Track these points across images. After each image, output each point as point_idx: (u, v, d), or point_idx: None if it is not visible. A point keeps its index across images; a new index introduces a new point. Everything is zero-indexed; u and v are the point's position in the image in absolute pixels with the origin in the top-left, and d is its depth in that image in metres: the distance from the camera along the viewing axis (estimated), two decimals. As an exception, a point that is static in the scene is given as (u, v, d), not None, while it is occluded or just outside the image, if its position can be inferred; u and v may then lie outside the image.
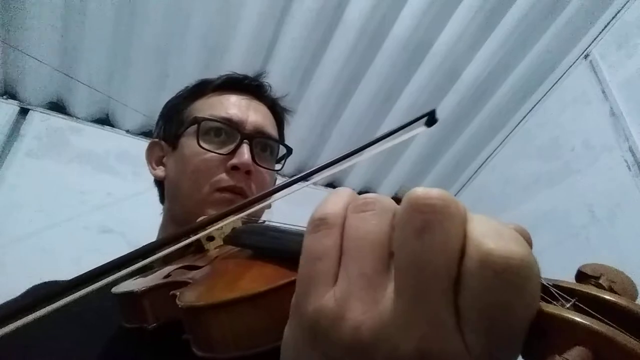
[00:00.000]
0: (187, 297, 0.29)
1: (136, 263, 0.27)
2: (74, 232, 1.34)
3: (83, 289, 0.24)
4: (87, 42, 1.35)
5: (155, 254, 0.28)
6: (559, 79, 1.49)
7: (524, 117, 1.61)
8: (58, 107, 1.53)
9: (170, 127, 0.67)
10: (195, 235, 0.32)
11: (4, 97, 1.48)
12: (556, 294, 0.18)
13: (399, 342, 0.16)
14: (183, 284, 0.34)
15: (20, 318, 0.21)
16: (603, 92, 1.30)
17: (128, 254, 0.27)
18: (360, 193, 0.21)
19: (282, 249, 0.30)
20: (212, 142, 0.61)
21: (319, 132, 1.67)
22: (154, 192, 0.71)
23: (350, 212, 0.20)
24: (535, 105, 1.57)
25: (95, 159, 1.50)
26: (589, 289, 0.18)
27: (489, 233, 0.16)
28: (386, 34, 1.38)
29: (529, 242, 0.18)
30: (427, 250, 0.16)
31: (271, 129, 0.66)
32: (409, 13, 1.33)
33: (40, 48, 1.34)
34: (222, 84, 0.67)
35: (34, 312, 0.22)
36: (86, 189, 1.43)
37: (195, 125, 0.61)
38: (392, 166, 1.79)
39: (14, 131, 1.45)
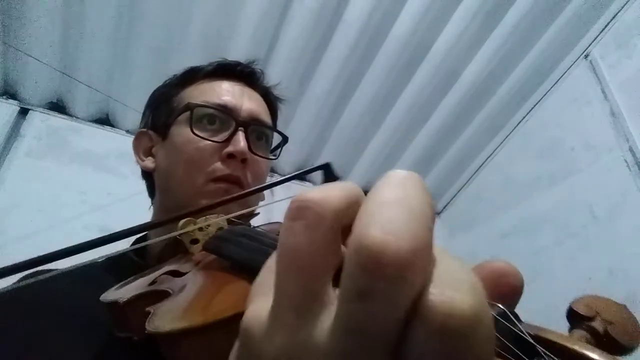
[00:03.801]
0: (155, 322, 0.28)
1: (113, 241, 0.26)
2: (74, 232, 1.34)
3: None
4: (87, 42, 1.35)
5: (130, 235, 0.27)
6: (559, 79, 1.49)
7: (524, 117, 1.61)
8: (58, 107, 1.53)
9: (160, 115, 0.63)
10: (183, 223, 0.29)
11: (4, 97, 1.48)
12: (539, 351, 0.15)
13: None
14: (163, 295, 0.33)
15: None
16: (603, 92, 1.30)
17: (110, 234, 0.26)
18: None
19: (254, 265, 0.28)
20: (205, 129, 0.58)
21: (319, 132, 1.67)
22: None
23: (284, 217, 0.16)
24: (535, 105, 1.57)
25: (95, 159, 1.50)
26: (573, 343, 0.15)
27: (445, 283, 0.13)
28: (386, 34, 1.38)
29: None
30: (369, 318, 0.13)
31: (266, 116, 0.64)
32: (409, 13, 1.33)
33: (40, 48, 1.34)
34: (214, 70, 0.64)
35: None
36: (86, 189, 1.43)
37: (188, 113, 0.58)
38: (392, 166, 1.79)
39: (14, 131, 1.45)
